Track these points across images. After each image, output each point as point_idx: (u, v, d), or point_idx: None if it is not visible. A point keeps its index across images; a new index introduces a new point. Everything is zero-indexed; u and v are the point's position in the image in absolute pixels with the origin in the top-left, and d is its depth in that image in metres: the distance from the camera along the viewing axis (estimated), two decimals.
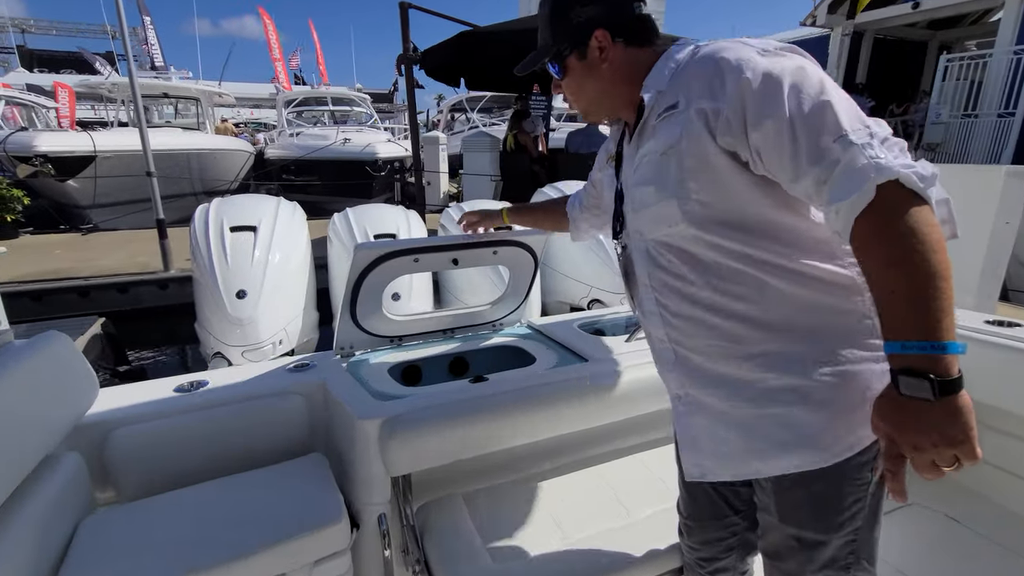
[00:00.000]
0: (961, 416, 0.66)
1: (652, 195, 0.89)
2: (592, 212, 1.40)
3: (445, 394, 1.57)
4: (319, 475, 1.49)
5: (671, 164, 0.85)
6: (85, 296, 5.05)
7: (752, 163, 0.80)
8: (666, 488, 1.65)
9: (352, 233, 3.22)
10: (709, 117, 0.80)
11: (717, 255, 0.86)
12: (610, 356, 1.84)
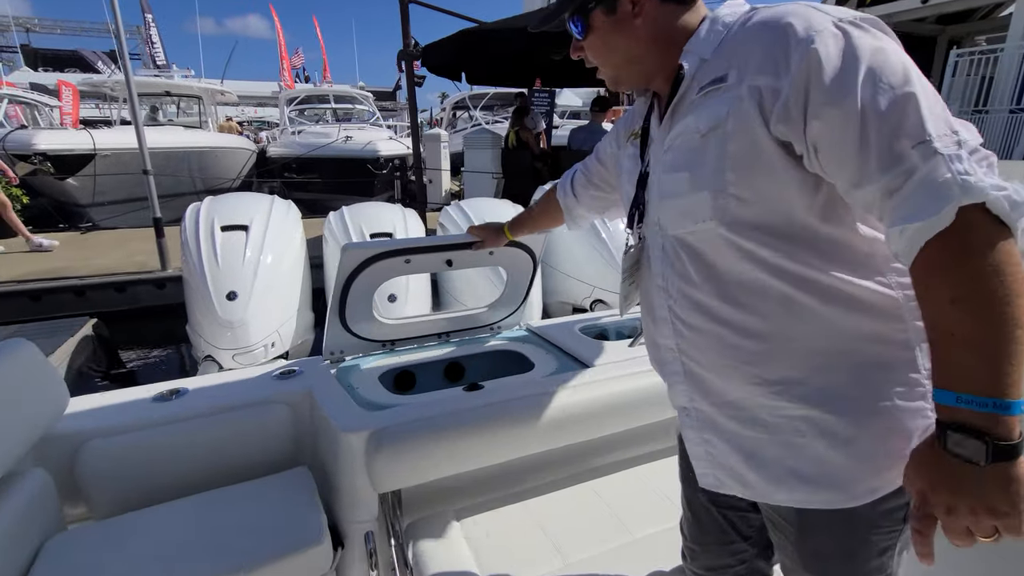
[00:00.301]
0: (1013, 486, 0.57)
1: (684, 183, 0.76)
2: (592, 194, 1.26)
3: (437, 404, 1.48)
4: (302, 491, 1.41)
5: (710, 148, 0.72)
6: (81, 296, 4.98)
7: (807, 158, 0.68)
8: (668, 504, 1.55)
9: (347, 232, 3.13)
10: (765, 98, 0.67)
11: (744, 263, 0.74)
12: (612, 362, 1.74)
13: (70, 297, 4.94)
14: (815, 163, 0.67)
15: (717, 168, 0.72)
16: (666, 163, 0.81)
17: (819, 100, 0.64)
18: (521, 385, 1.59)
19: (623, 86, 0.90)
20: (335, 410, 1.46)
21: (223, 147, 10.19)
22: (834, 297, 0.73)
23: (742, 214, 0.72)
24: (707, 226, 0.74)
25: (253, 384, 1.65)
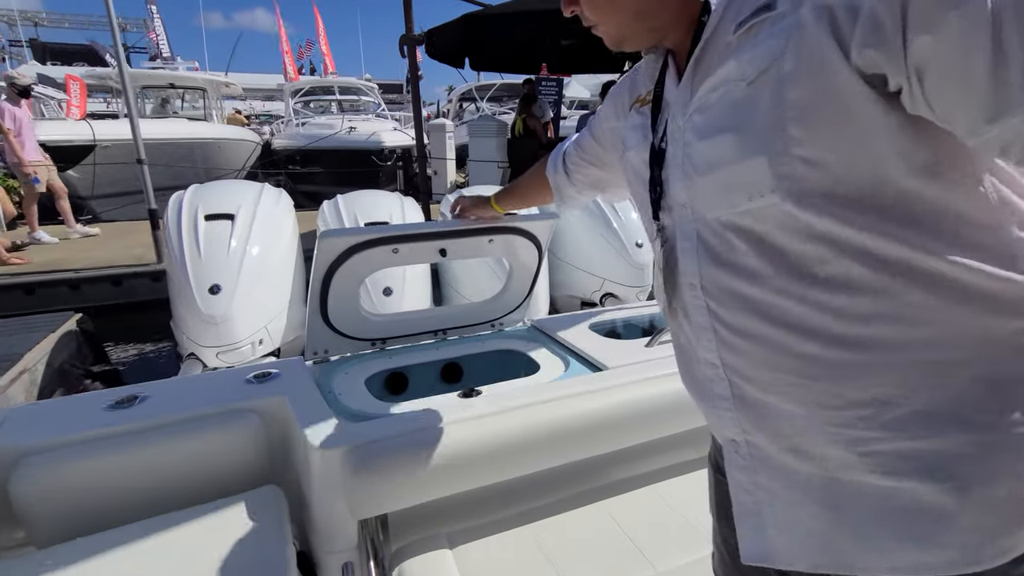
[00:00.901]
0: None
1: (729, 148, 0.57)
2: (584, 172, 1.09)
3: (427, 414, 1.29)
4: (269, 514, 1.21)
5: (762, 99, 0.54)
6: (76, 289, 4.84)
7: (907, 93, 0.47)
8: (696, 531, 1.35)
9: (341, 221, 2.94)
10: (839, 17, 0.47)
11: (819, 248, 0.54)
12: (629, 364, 1.53)
13: (64, 291, 4.81)
14: (919, 99, 0.47)
15: (775, 123, 0.53)
16: (698, 127, 0.62)
17: (925, 6, 0.43)
18: (525, 390, 1.39)
19: (628, 46, 0.72)
20: (309, 421, 1.26)
21: (227, 138, 10.05)
22: (947, 287, 0.52)
23: (814, 182, 0.52)
24: (766, 202, 0.55)
25: (221, 389, 1.46)
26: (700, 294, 0.65)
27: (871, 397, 0.55)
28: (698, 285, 0.65)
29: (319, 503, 1.20)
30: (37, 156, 5.98)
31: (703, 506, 1.38)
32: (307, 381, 1.48)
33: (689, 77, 0.64)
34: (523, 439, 1.27)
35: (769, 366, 0.60)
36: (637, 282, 3.32)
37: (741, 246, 0.59)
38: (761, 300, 0.58)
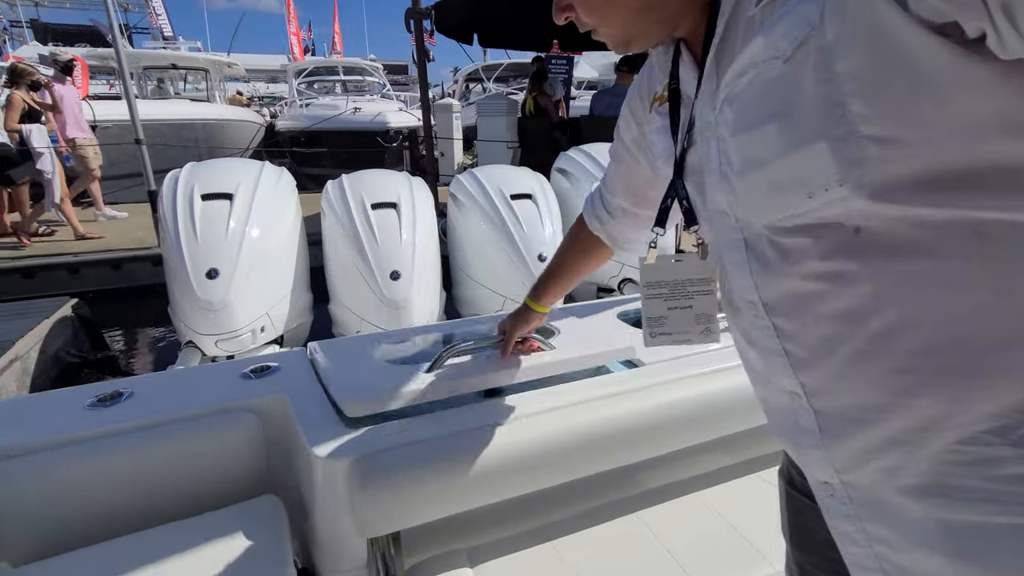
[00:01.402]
0: None
1: (775, 139, 0.47)
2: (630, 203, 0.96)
3: (446, 417, 1.14)
4: (266, 528, 1.07)
5: (806, 75, 0.44)
6: (75, 273, 4.73)
7: (995, 39, 0.35)
8: (743, 541, 1.20)
9: (347, 202, 2.77)
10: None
11: (921, 232, 0.43)
12: (668, 360, 1.38)
13: (64, 275, 4.70)
14: (1013, 38, 0.34)
15: (829, 102, 0.43)
16: (731, 121, 0.53)
17: None
18: (555, 390, 1.24)
19: (636, 46, 0.64)
20: (311, 424, 1.12)
21: (230, 119, 9.87)
22: None
23: (892, 164, 0.42)
24: (832, 196, 0.45)
25: (214, 386, 1.31)
26: (762, 313, 0.54)
27: (1000, 408, 0.42)
28: (758, 303, 0.54)
29: (322, 518, 1.06)
30: (81, 134, 5.85)
31: (752, 516, 1.22)
32: (309, 376, 1.34)
33: (713, 65, 0.55)
34: (555, 446, 1.12)
35: (865, 385, 0.48)
36: None
37: (807, 251, 0.48)
38: (843, 309, 0.47)
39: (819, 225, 0.47)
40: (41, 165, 5.15)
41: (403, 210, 2.78)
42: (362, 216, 2.70)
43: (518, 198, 3.03)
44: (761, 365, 0.58)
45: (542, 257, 2.85)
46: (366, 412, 1.12)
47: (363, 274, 2.56)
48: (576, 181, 3.44)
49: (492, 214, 2.97)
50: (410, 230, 2.70)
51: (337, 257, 2.75)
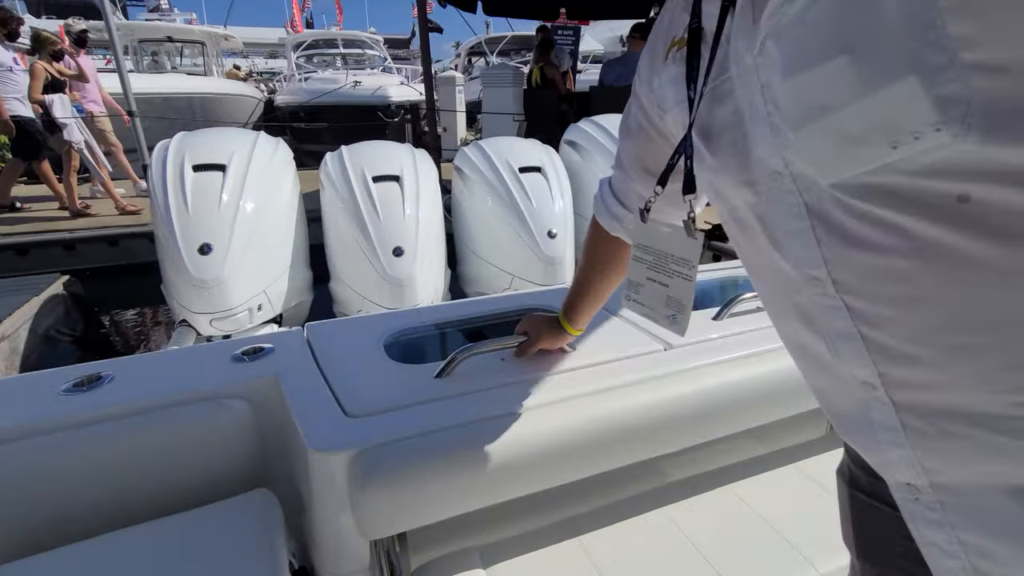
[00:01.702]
0: None
1: (844, 77, 0.37)
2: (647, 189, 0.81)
3: (456, 405, 1.03)
4: (258, 526, 0.97)
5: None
6: (71, 250, 4.61)
7: None
8: (779, 537, 1.09)
9: (347, 175, 2.63)
10: None
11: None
12: (699, 342, 1.26)
13: (59, 252, 4.58)
14: None
15: (917, 23, 0.33)
16: (778, 60, 0.43)
17: None
18: (577, 375, 1.12)
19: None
20: (307, 412, 1.01)
21: (228, 94, 9.63)
22: None
23: (1007, 99, 0.32)
24: (928, 145, 0.35)
25: (202, 369, 1.20)
26: (831, 291, 0.46)
27: None
28: (825, 279, 0.45)
29: (320, 518, 0.96)
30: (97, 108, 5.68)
31: (790, 512, 1.12)
32: (307, 360, 1.22)
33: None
34: (578, 437, 1.01)
35: (971, 382, 0.39)
36: None
37: (892, 218, 0.39)
38: (945, 290, 0.39)
39: (907, 185, 0.37)
40: (68, 135, 5.01)
41: (406, 183, 2.63)
42: (363, 189, 2.56)
43: (527, 171, 2.88)
44: (824, 351, 0.49)
45: (552, 234, 2.71)
46: (368, 410, 1.01)
47: (364, 250, 2.43)
48: (587, 154, 3.27)
49: (499, 188, 2.83)
50: (413, 204, 2.57)
51: (337, 232, 2.62)
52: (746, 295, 1.40)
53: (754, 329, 1.32)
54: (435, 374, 1.11)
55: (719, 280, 1.74)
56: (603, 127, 3.28)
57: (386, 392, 1.06)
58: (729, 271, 1.79)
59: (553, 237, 2.70)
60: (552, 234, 2.70)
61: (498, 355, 1.20)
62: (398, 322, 1.40)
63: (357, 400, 1.03)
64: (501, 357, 1.19)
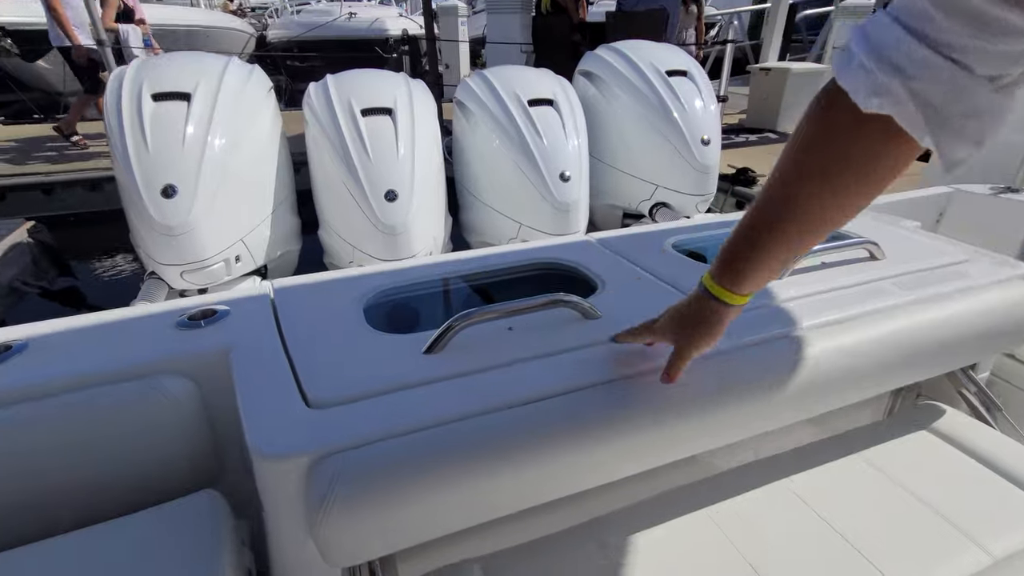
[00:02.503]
0: None
1: None
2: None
3: (451, 396, 0.80)
4: (194, 539, 0.76)
5: None
6: (49, 194, 4.34)
7: None
8: (858, 557, 0.88)
9: (331, 107, 2.31)
10: None
11: None
12: (756, 308, 1.01)
13: (38, 196, 4.31)
14: None
15: None
16: None
17: None
18: (603, 354, 0.88)
19: None
20: (257, 400, 0.77)
21: (216, 27, 9.00)
22: None
23: None
24: None
25: (140, 337, 0.97)
26: None
27: None
28: None
29: (275, 538, 0.75)
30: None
31: (853, 509, 0.89)
32: (268, 326, 0.98)
33: None
34: (611, 432, 0.78)
35: None
36: (700, 189, 2.69)
37: None
38: None
39: None
40: None
41: (400, 117, 2.31)
42: (350, 124, 2.25)
43: (537, 104, 2.54)
44: None
45: (564, 176, 2.41)
46: (336, 398, 0.78)
47: (353, 194, 2.15)
48: (605, 86, 2.90)
49: (506, 123, 2.50)
50: (408, 141, 2.26)
51: (324, 174, 2.33)
52: (814, 247, 1.13)
53: (825, 291, 1.07)
54: (424, 348, 0.88)
55: None
56: (625, 55, 2.89)
57: (361, 373, 0.83)
58: None
59: (566, 180, 2.40)
60: (565, 176, 2.40)
61: (504, 323, 0.95)
62: (383, 280, 1.15)
63: (323, 384, 0.80)
64: (509, 326, 0.95)
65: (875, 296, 1.05)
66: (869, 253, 1.21)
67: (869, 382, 0.99)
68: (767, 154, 5.40)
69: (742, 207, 4.24)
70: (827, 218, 0.64)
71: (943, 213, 2.01)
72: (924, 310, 1.03)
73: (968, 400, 1.27)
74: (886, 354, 0.98)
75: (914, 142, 0.53)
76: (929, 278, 1.14)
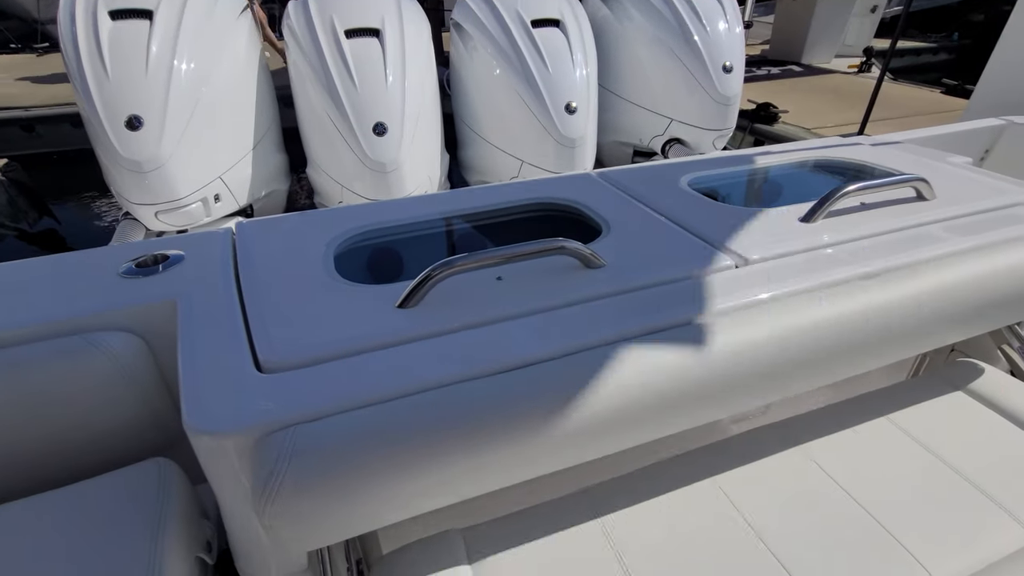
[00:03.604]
0: None
1: None
2: None
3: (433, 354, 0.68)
4: (139, 509, 0.68)
5: None
6: (30, 131, 4.14)
7: None
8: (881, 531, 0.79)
9: (312, 29, 2.08)
10: None
11: None
12: (782, 256, 0.87)
13: (16, 132, 4.11)
14: None
15: None
16: None
17: None
18: (605, 310, 0.76)
19: None
20: (198, 363, 0.66)
21: None
22: None
23: None
24: None
25: (81, 286, 0.85)
26: None
27: None
28: None
29: (229, 516, 0.66)
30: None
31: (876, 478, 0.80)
32: (224, 274, 0.86)
33: None
34: (609, 400, 0.67)
35: None
36: (718, 123, 2.47)
37: None
38: None
39: None
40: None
41: (388, 40, 2.09)
42: (333, 48, 2.03)
43: (542, 25, 2.28)
44: None
45: (570, 108, 2.20)
46: (291, 361, 0.66)
47: (339, 127, 1.97)
48: (617, 5, 2.61)
49: (507, 47, 2.26)
50: (398, 67, 2.04)
51: (308, 105, 2.13)
52: (851, 187, 0.98)
53: (864, 236, 0.93)
54: (397, 302, 0.76)
55: (801, 164, 1.30)
56: None
57: (323, 331, 0.71)
58: (807, 152, 1.34)
59: (572, 112, 2.19)
60: (571, 108, 2.19)
61: (493, 273, 0.83)
62: (359, 221, 1.02)
63: (279, 345, 0.69)
64: (498, 276, 0.82)
65: (922, 242, 0.91)
66: (917, 192, 1.06)
67: (913, 337, 0.87)
68: (790, 89, 5.04)
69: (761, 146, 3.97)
70: None
71: (989, 150, 1.81)
72: (978, 260, 0.89)
73: (1010, 357, 1.15)
74: (935, 307, 0.85)
75: None
76: (984, 222, 0.99)
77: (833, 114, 4.20)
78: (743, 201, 1.14)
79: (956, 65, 7.04)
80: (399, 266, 1.02)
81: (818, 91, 5.00)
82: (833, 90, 5.03)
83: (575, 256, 0.83)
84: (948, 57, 7.45)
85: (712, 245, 0.90)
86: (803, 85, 5.24)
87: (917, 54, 7.18)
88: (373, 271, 0.97)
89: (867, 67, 5.58)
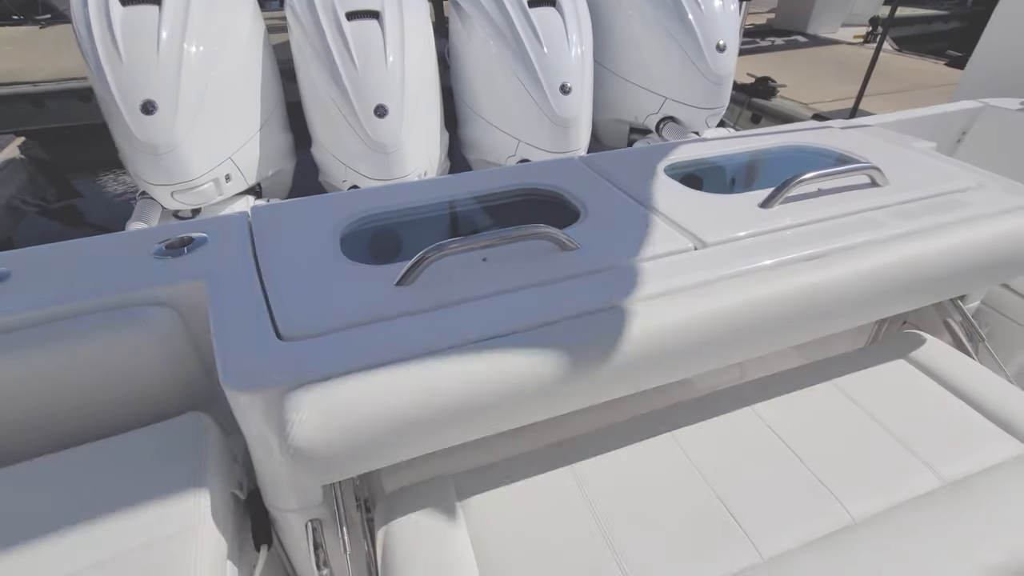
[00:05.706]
0: None
1: None
2: None
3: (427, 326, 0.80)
4: (180, 456, 0.82)
5: None
6: (40, 107, 4.21)
7: None
8: (820, 485, 0.92)
9: (313, 10, 2.14)
10: None
11: None
12: (739, 239, 0.98)
13: (26, 107, 4.19)
14: None
15: None
16: None
17: None
18: (579, 287, 0.87)
19: None
20: (229, 333, 0.79)
21: None
22: None
23: None
24: None
25: (120, 266, 0.98)
26: None
27: None
28: None
29: (257, 459, 0.80)
30: None
31: (818, 436, 0.93)
32: (244, 254, 0.98)
33: None
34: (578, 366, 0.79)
35: None
36: (710, 102, 2.53)
37: None
38: None
39: None
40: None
41: (388, 22, 2.15)
42: (335, 30, 2.09)
43: (538, 4, 2.33)
44: None
45: (565, 88, 2.26)
46: (306, 331, 0.79)
47: (341, 110, 2.06)
48: None
49: (504, 29, 2.31)
50: (398, 49, 2.11)
51: (311, 86, 2.21)
52: (807, 175, 1.07)
53: (816, 220, 1.03)
54: (396, 281, 0.87)
55: (769, 151, 1.39)
56: None
57: (332, 305, 0.83)
58: (780, 137, 1.43)
59: (567, 93, 2.26)
60: (566, 89, 2.26)
61: (479, 255, 0.94)
62: (361, 206, 1.13)
63: (295, 316, 0.81)
64: (483, 258, 0.94)
65: (870, 227, 1.01)
66: (870, 179, 1.15)
67: (855, 313, 0.98)
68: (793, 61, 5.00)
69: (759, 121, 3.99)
70: None
71: (966, 132, 1.88)
72: (920, 242, 1.00)
73: (952, 330, 1.26)
74: (876, 287, 0.96)
75: None
76: (930, 206, 1.09)
77: (833, 86, 4.20)
78: (714, 187, 1.24)
79: (968, 33, 6.90)
80: (398, 247, 1.14)
81: (821, 63, 4.96)
82: (836, 62, 4.99)
83: (551, 240, 0.94)
84: (960, 25, 7.29)
85: (676, 228, 1.01)
86: (806, 56, 5.19)
87: (928, 22, 7.03)
88: (375, 252, 1.09)
89: (873, 37, 5.51)
